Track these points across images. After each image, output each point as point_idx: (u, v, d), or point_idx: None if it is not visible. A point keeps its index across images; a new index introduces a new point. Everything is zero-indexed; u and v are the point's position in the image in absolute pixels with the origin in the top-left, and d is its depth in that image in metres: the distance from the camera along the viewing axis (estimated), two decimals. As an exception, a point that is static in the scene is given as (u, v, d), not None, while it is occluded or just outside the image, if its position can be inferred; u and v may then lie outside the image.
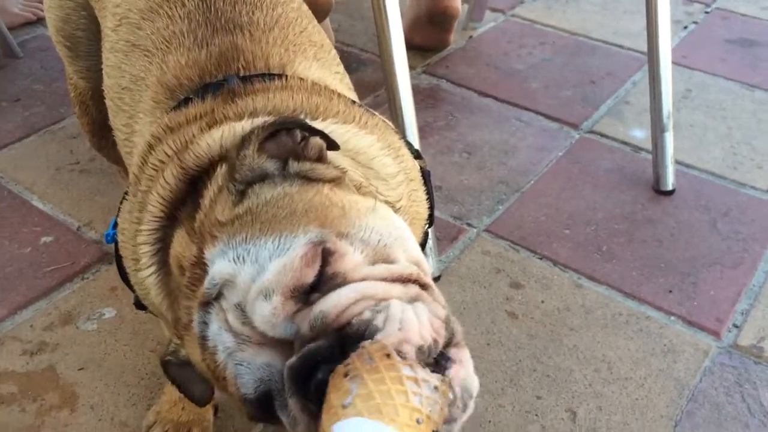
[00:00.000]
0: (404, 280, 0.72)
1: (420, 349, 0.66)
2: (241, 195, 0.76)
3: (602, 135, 2.02)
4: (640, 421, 1.28)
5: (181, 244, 0.81)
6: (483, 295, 1.53)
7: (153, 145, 0.90)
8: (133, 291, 0.94)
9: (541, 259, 1.62)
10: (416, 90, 2.15)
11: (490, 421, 1.28)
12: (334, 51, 1.14)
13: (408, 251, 0.77)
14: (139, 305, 0.97)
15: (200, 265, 0.76)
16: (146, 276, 0.87)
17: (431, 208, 1.00)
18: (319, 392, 0.64)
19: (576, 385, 1.35)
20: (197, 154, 0.84)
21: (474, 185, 1.84)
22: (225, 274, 0.71)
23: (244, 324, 0.70)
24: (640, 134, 2.01)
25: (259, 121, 0.84)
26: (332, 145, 0.81)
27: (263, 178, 0.78)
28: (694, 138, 2.01)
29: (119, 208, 0.94)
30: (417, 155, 1.01)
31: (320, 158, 0.81)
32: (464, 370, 0.69)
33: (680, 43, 2.46)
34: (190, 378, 0.84)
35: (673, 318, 1.48)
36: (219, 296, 0.72)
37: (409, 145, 1.00)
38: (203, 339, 0.73)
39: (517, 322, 1.47)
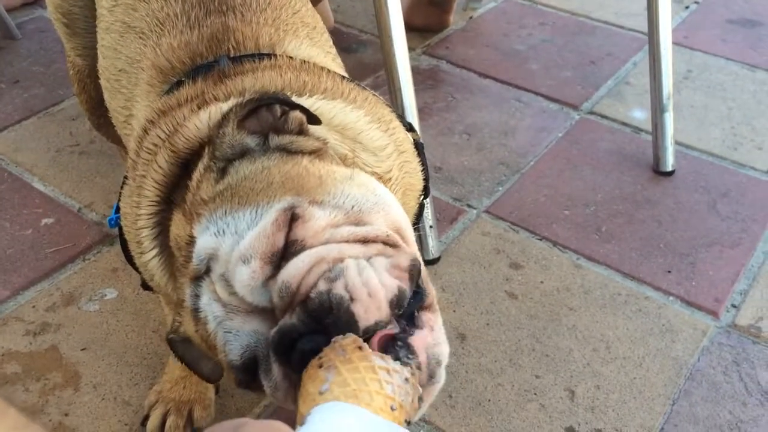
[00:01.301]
0: (368, 240, 0.74)
1: (390, 303, 0.68)
2: (222, 172, 0.79)
3: (602, 116, 2.02)
4: (638, 400, 1.30)
5: (177, 226, 0.83)
6: (483, 275, 1.54)
7: (147, 129, 0.91)
8: (139, 273, 0.95)
9: (540, 239, 1.63)
10: (416, 71, 2.14)
11: (489, 400, 1.29)
12: (327, 34, 1.15)
13: (389, 216, 0.78)
14: (146, 286, 0.98)
15: (192, 244, 0.78)
16: (149, 259, 0.89)
17: (426, 179, 1.01)
18: (301, 362, 0.66)
19: (574, 364, 1.36)
20: (186, 136, 0.85)
21: (474, 166, 1.85)
22: (209, 248, 0.74)
23: (231, 294, 0.72)
24: (641, 115, 2.01)
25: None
26: (313, 119, 0.83)
27: (244, 154, 0.80)
28: (694, 119, 2.01)
29: (120, 192, 0.95)
30: (410, 128, 1.01)
31: (301, 131, 0.83)
32: (432, 336, 0.71)
33: (681, 23, 2.44)
34: (197, 355, 0.86)
35: (671, 298, 1.49)
36: (207, 270, 0.75)
37: (401, 117, 1.00)
38: (195, 311, 0.76)
39: (517, 302, 1.48)
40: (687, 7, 2.54)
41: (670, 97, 1.76)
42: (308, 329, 0.67)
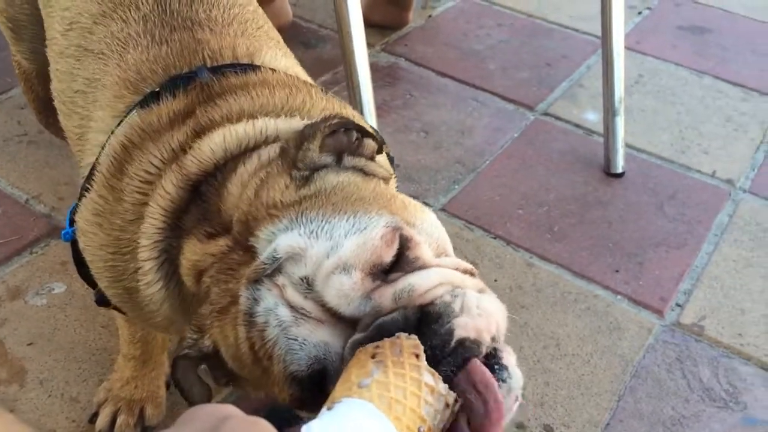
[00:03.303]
0: (470, 272, 0.77)
1: (493, 338, 0.70)
2: (306, 180, 0.78)
3: (556, 117, 2.06)
4: (585, 396, 1.33)
5: (194, 252, 0.80)
6: (437, 273, 1.55)
7: (129, 149, 0.87)
8: (93, 287, 0.93)
9: (494, 238, 1.66)
10: (374, 68, 2.14)
11: (441, 396, 1.31)
12: (288, 49, 1.14)
13: (448, 245, 0.81)
14: (101, 302, 0.95)
15: (240, 250, 0.76)
16: (154, 292, 0.85)
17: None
18: None
19: (525, 361, 1.38)
20: (200, 159, 0.83)
21: (431, 164, 1.86)
22: (293, 248, 0.72)
23: (307, 298, 0.70)
24: (593, 117, 2.05)
25: (260, 123, 0.86)
26: (380, 149, 0.86)
27: (323, 167, 0.80)
28: (644, 122, 2.06)
29: (76, 206, 0.91)
30: (382, 141, 1.03)
31: (372, 158, 0.85)
32: (514, 359, 0.72)
33: (634, 28, 2.50)
34: (193, 379, 0.82)
35: (619, 297, 1.53)
36: (274, 272, 0.72)
37: (376, 132, 1.02)
38: (250, 316, 0.72)
39: (470, 299, 1.50)
40: (639, 13, 2.60)
41: (622, 101, 1.80)
42: (406, 329, 0.67)
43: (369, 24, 1.92)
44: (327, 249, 0.71)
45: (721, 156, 1.95)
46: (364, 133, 0.83)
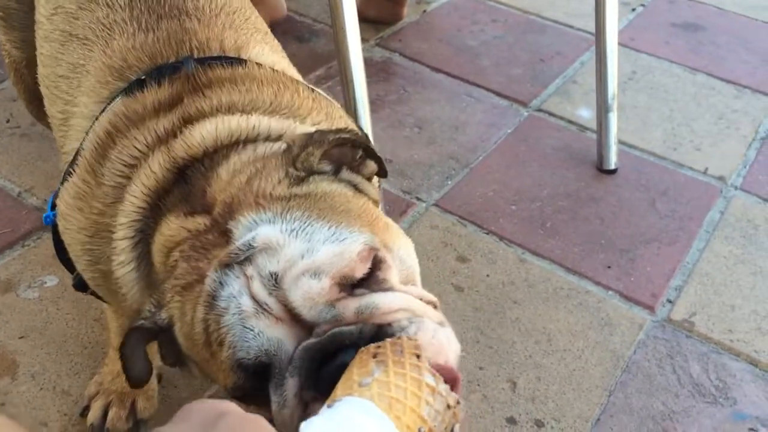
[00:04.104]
0: (433, 304, 0.79)
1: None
2: (300, 180, 0.79)
3: (550, 114, 2.06)
4: (576, 391, 1.34)
5: (170, 227, 0.81)
6: (430, 268, 1.55)
7: (112, 135, 0.88)
8: (72, 273, 0.93)
9: (487, 234, 1.66)
10: (368, 63, 2.14)
11: (433, 391, 1.31)
12: (276, 41, 1.14)
13: (416, 274, 0.83)
14: (79, 287, 0.96)
15: (216, 231, 0.76)
16: (126, 272, 0.86)
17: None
18: (326, 380, 0.66)
19: (517, 356, 1.39)
20: (190, 144, 0.84)
21: (424, 160, 1.86)
22: (271, 241, 0.72)
23: (271, 294, 0.71)
24: (587, 114, 2.06)
25: (254, 119, 0.88)
26: (382, 172, 0.88)
27: (320, 173, 0.82)
28: (637, 119, 2.07)
29: (58, 190, 0.92)
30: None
31: (369, 179, 0.87)
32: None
33: (628, 25, 2.51)
34: (139, 354, 0.83)
35: (611, 293, 1.54)
36: (245, 261, 0.73)
37: (358, 127, 1.03)
38: (213, 299, 0.73)
39: (463, 295, 1.51)
40: (633, 10, 2.61)
41: (615, 98, 1.80)
42: (358, 343, 0.68)
43: (363, 19, 1.91)
44: (303, 250, 0.72)
45: (713, 153, 1.95)
46: (369, 154, 0.86)
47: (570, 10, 2.57)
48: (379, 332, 0.70)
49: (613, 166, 1.85)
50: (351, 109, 1.44)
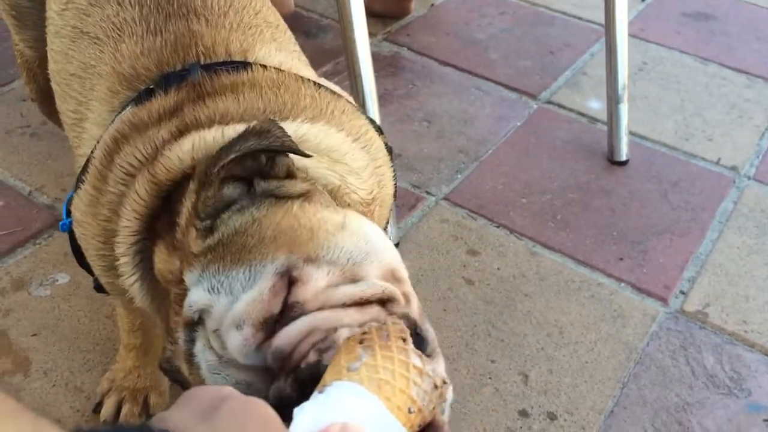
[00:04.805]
0: (364, 302, 0.72)
1: None
2: (209, 230, 0.76)
3: (560, 105, 2.05)
4: (589, 384, 1.33)
5: (162, 260, 0.81)
6: (441, 262, 1.55)
7: (119, 141, 0.88)
8: (92, 275, 0.94)
9: (497, 227, 1.65)
10: (377, 57, 2.14)
11: (445, 384, 1.31)
12: (289, 32, 1.13)
13: (382, 263, 0.77)
14: (100, 289, 0.96)
15: (183, 283, 0.76)
16: (131, 284, 0.87)
17: (395, 183, 1.01)
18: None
19: (529, 349, 1.38)
20: (168, 167, 0.82)
21: (433, 154, 1.86)
22: (201, 303, 0.73)
23: (224, 348, 0.71)
24: (597, 105, 2.04)
25: (230, 131, 0.82)
26: (303, 154, 0.80)
27: (230, 204, 0.77)
28: (648, 110, 2.05)
29: (72, 197, 0.92)
30: (380, 131, 1.01)
31: (289, 174, 0.80)
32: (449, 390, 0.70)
33: (638, 15, 2.49)
34: (180, 377, 0.83)
35: (623, 284, 1.53)
36: (201, 320, 0.74)
37: (372, 122, 1.00)
38: (190, 356, 0.75)
39: (474, 288, 1.50)
40: (643, 0, 2.58)
41: (625, 89, 1.79)
42: (300, 396, 0.65)
43: (371, 13, 1.90)
44: (227, 304, 0.71)
45: (725, 143, 1.94)
46: (275, 150, 0.77)
47: (578, 1, 2.55)
48: (299, 383, 0.67)
49: (624, 158, 1.84)
50: (359, 105, 1.43)
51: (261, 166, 0.78)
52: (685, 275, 1.56)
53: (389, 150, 1.00)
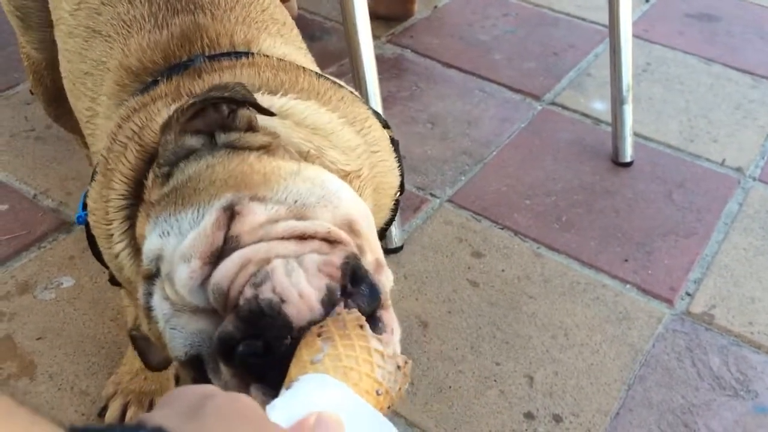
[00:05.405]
0: (305, 236, 0.72)
1: (322, 302, 0.67)
2: (167, 176, 0.78)
3: (564, 107, 2.04)
4: (594, 386, 1.32)
5: (140, 224, 0.82)
6: (445, 264, 1.55)
7: (121, 125, 0.90)
8: (108, 269, 0.94)
9: (502, 228, 1.65)
10: (380, 60, 2.14)
11: (450, 387, 1.31)
12: (296, 29, 1.14)
13: (338, 210, 0.76)
14: (114, 282, 0.97)
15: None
16: (119, 251, 0.87)
17: (402, 176, 1.01)
18: (244, 366, 0.66)
19: (534, 351, 1.38)
20: (154, 130, 0.84)
21: (437, 156, 1.85)
22: (155, 249, 0.74)
23: (175, 292, 0.72)
24: (601, 106, 2.04)
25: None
26: (265, 112, 0.81)
27: (189, 154, 0.79)
28: (652, 111, 2.05)
29: (88, 189, 0.93)
30: (386, 125, 1.01)
31: (250, 128, 0.81)
32: (393, 339, 0.70)
33: (642, 16, 2.48)
34: (146, 346, 0.86)
35: (628, 286, 1.53)
36: (158, 271, 0.74)
37: (377, 115, 1.00)
38: (148, 309, 0.75)
39: (478, 290, 1.50)
40: (647, 1, 2.58)
41: (630, 89, 1.79)
42: (244, 335, 0.66)
43: (374, 16, 1.91)
44: (175, 245, 0.72)
45: (730, 144, 1.93)
46: (236, 102, 0.79)
47: (582, 2, 2.55)
48: (241, 319, 0.67)
49: (628, 159, 1.84)
50: (363, 106, 1.43)
51: (223, 118, 0.80)
52: (690, 277, 1.55)
53: (395, 143, 1.00)
